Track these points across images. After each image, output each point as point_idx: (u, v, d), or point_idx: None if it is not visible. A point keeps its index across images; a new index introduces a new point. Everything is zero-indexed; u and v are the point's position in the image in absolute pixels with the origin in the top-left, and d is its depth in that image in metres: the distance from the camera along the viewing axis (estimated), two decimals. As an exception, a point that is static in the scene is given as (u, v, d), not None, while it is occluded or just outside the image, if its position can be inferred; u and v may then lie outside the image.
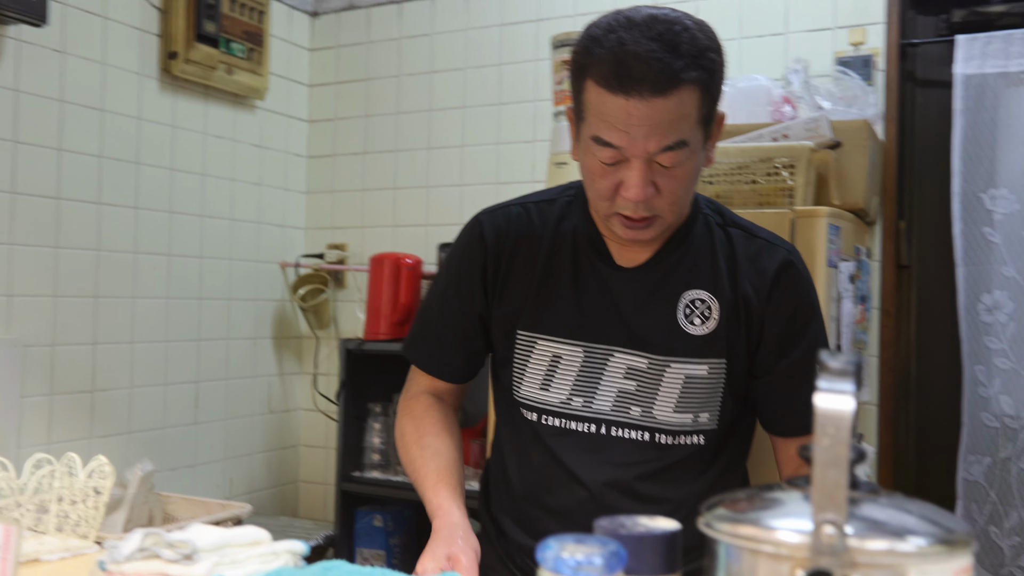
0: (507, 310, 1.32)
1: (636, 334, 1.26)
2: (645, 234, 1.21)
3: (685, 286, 1.27)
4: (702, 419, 1.27)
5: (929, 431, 2.37)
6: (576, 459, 1.29)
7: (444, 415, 1.39)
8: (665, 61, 1.08)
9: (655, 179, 1.15)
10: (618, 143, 1.13)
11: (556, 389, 1.29)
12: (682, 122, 1.12)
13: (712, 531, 0.66)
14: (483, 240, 1.33)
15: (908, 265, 2.36)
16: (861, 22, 2.33)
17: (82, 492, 1.27)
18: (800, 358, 1.28)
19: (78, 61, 2.26)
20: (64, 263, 2.24)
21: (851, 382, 0.61)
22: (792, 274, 1.29)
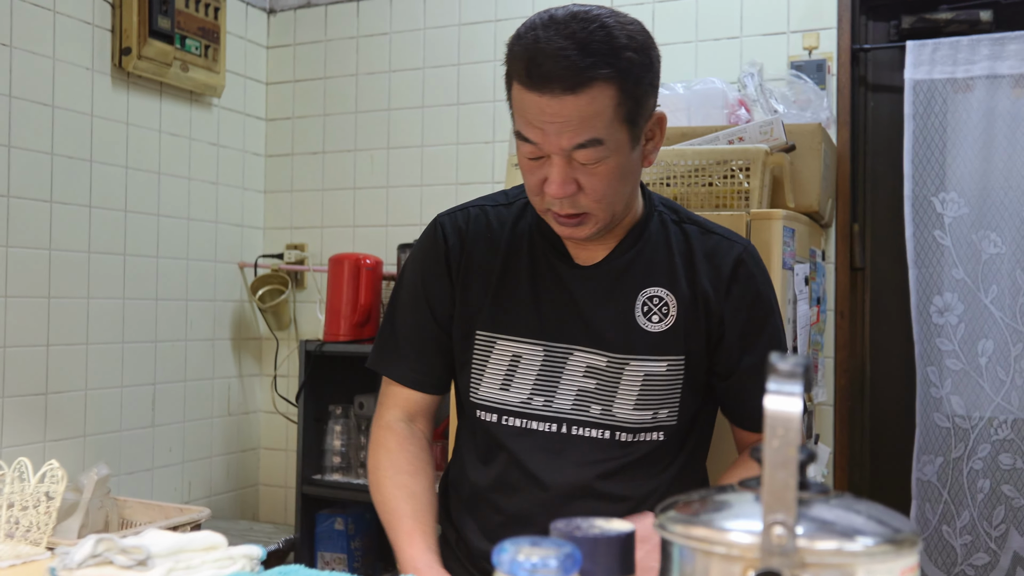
0: (467, 310, 1.32)
1: (594, 332, 1.27)
2: (579, 231, 1.22)
3: (642, 283, 1.28)
4: (662, 416, 1.28)
5: (883, 431, 2.42)
6: (537, 460, 1.29)
7: (420, 449, 1.35)
8: (573, 59, 1.10)
9: (577, 176, 1.17)
10: (535, 139, 1.15)
11: (517, 389, 1.29)
12: (595, 120, 1.12)
13: (666, 532, 0.67)
14: (445, 241, 1.34)
15: (862, 267, 2.40)
16: (814, 27, 2.37)
17: (33, 497, 1.24)
18: (763, 353, 1.29)
19: (27, 56, 2.22)
20: (15, 263, 2.19)
21: (799, 384, 0.63)
22: (749, 269, 1.31)
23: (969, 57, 2.19)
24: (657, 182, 1.91)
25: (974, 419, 2.23)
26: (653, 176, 1.91)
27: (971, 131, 2.21)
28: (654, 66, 1.19)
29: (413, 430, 1.36)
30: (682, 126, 2.07)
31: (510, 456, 1.30)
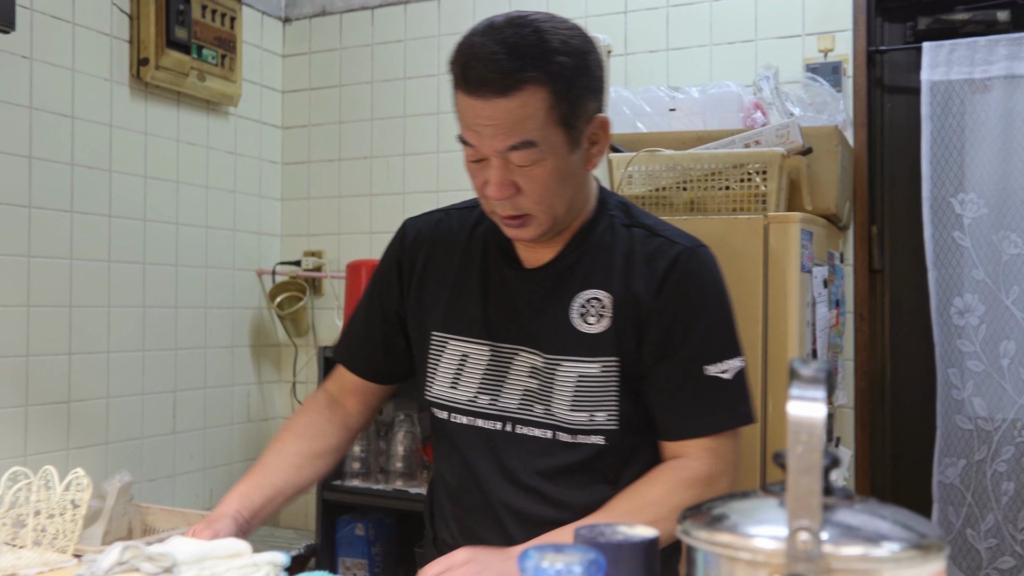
0: (423, 312, 1.37)
1: (533, 334, 1.30)
2: (523, 233, 1.24)
3: (580, 286, 1.29)
4: (600, 419, 1.27)
5: (905, 434, 2.40)
6: (481, 456, 1.32)
7: (327, 421, 1.41)
8: (501, 63, 1.12)
9: (515, 178, 1.19)
10: (472, 142, 1.18)
11: (464, 387, 1.33)
12: (527, 122, 1.15)
13: (690, 538, 0.67)
14: (403, 242, 1.41)
15: (880, 269, 2.39)
16: (829, 29, 2.37)
17: (59, 505, 1.26)
18: (684, 356, 1.25)
19: (47, 68, 2.24)
20: (37, 272, 2.21)
21: (822, 389, 0.63)
22: (685, 266, 1.27)
23: (987, 58, 2.18)
24: (674, 186, 1.91)
25: (997, 421, 2.21)
26: (670, 180, 1.91)
27: (989, 131, 2.20)
28: (591, 71, 1.20)
29: (335, 404, 1.44)
30: (698, 130, 2.07)
31: (458, 452, 1.35)
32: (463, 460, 1.34)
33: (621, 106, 2.22)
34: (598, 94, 1.22)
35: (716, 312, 1.28)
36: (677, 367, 1.25)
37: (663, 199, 1.92)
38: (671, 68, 2.53)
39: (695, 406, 1.25)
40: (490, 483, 1.31)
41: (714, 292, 1.29)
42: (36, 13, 2.21)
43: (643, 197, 1.94)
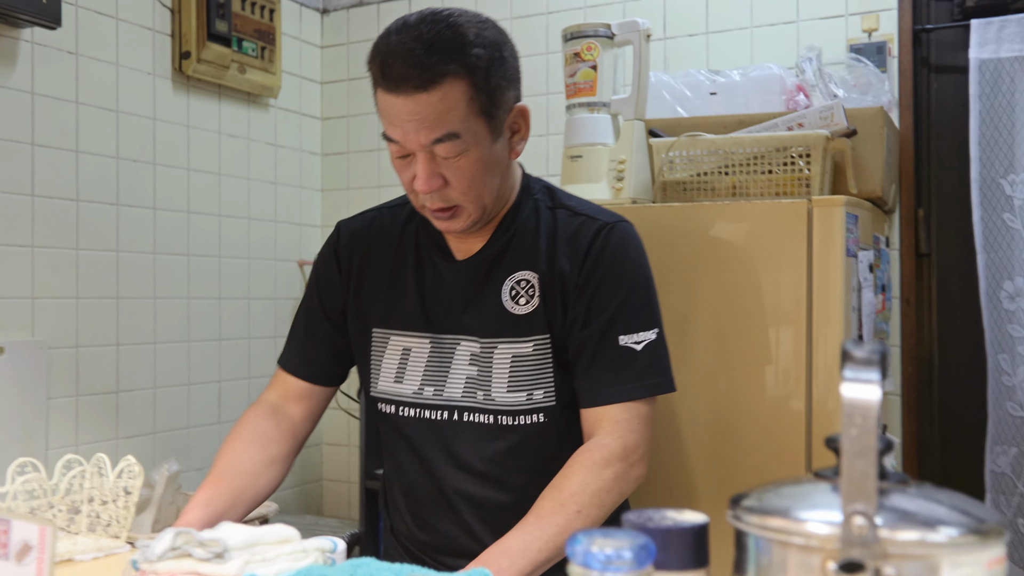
0: (362, 310, 1.40)
1: (470, 322, 1.33)
2: (454, 224, 1.28)
3: (509, 269, 1.33)
4: (537, 396, 1.31)
5: (953, 421, 2.36)
6: (430, 446, 1.35)
7: (274, 427, 1.39)
8: (419, 58, 1.16)
9: (441, 171, 1.22)
10: (397, 138, 1.21)
11: (409, 381, 1.36)
12: (449, 115, 1.18)
13: (740, 523, 0.66)
14: (338, 243, 1.43)
15: (927, 253, 2.35)
16: (873, 8, 2.32)
17: (112, 492, 1.28)
18: (600, 325, 1.29)
19: (92, 63, 2.28)
20: (85, 265, 2.25)
21: (876, 371, 0.61)
22: (605, 240, 1.31)
23: (1038, 34, 2.12)
24: (715, 171, 1.89)
25: (1049, 407, 2.16)
26: (711, 164, 1.89)
27: (1041, 110, 2.14)
28: (507, 61, 1.25)
29: (280, 410, 1.43)
30: (739, 113, 2.05)
31: (408, 445, 1.37)
32: (413, 452, 1.37)
33: (661, 90, 2.20)
34: (515, 84, 1.27)
35: (633, 284, 1.32)
36: (593, 335, 1.29)
37: (704, 184, 1.90)
38: (711, 51, 2.50)
39: (607, 373, 1.29)
40: (441, 472, 1.35)
41: (633, 265, 1.32)
42: (81, 9, 2.24)
43: (684, 182, 1.92)
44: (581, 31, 1.96)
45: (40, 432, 2.11)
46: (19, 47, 2.10)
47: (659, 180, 1.94)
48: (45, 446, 2.13)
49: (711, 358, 1.80)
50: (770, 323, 1.76)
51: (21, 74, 2.11)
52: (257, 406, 1.43)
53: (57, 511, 1.25)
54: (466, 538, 1.35)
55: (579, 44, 1.95)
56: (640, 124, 1.95)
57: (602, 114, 1.97)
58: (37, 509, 1.23)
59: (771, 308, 1.76)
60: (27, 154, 2.12)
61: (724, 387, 1.79)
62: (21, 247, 2.11)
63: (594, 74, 1.95)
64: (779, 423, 1.75)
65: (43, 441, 2.12)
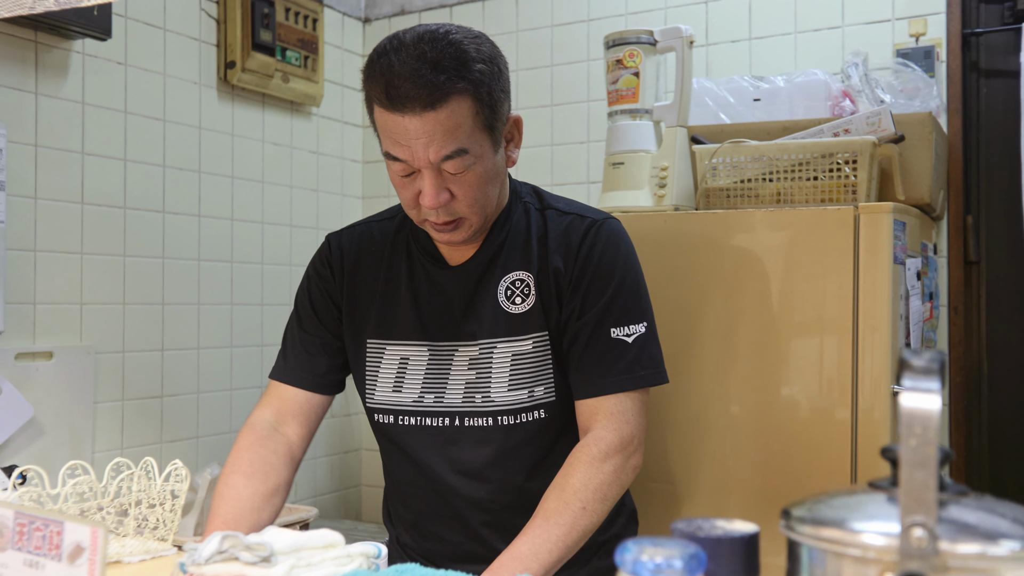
0: (356, 322, 1.40)
1: (467, 327, 1.34)
2: (456, 236, 1.30)
3: (503, 270, 1.35)
4: (537, 393, 1.33)
5: (1003, 432, 2.31)
6: (431, 453, 1.35)
7: (272, 452, 1.36)
8: (427, 78, 1.17)
9: (448, 186, 1.24)
10: (403, 157, 1.22)
11: (408, 390, 1.36)
12: (457, 131, 1.20)
13: (794, 534, 0.65)
14: (329, 257, 1.45)
15: (976, 261, 2.31)
16: (921, 12, 2.29)
17: (160, 496, 1.30)
18: (593, 318, 1.31)
19: (141, 73, 2.32)
20: (131, 271, 2.29)
21: (936, 380, 0.60)
22: (595, 236, 1.34)
23: (1092, 37, 2.08)
24: (760, 177, 1.87)
25: (1103, 419, 2.11)
26: (755, 171, 1.87)
27: (1094, 115, 2.09)
28: (503, 74, 1.27)
29: (275, 431, 1.40)
30: (783, 120, 2.03)
31: (408, 455, 1.38)
32: (413, 461, 1.37)
33: (703, 97, 2.19)
34: (509, 95, 1.30)
35: (623, 278, 1.34)
36: (585, 328, 1.32)
37: (748, 191, 1.88)
38: (754, 57, 2.48)
39: (599, 365, 1.31)
40: (444, 479, 1.35)
41: (622, 260, 1.35)
42: (131, 21, 2.28)
43: (727, 189, 1.91)
44: (623, 38, 1.95)
45: (87, 435, 2.14)
46: (71, 58, 2.15)
47: (702, 187, 1.92)
48: (92, 449, 2.16)
49: (755, 367, 1.78)
50: (815, 331, 1.74)
51: (72, 85, 2.15)
52: (252, 430, 1.38)
53: (106, 513, 1.27)
54: (472, 543, 1.36)
55: (621, 51, 1.94)
56: (683, 131, 1.94)
57: (644, 121, 1.96)
58: (87, 511, 1.25)
59: (816, 316, 1.74)
60: (78, 163, 2.17)
61: (768, 396, 1.77)
62: (71, 254, 2.15)
63: (636, 81, 1.94)
64: (824, 432, 1.72)
65: (90, 444, 2.16)
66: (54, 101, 2.11)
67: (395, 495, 1.45)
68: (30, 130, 2.06)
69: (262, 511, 1.31)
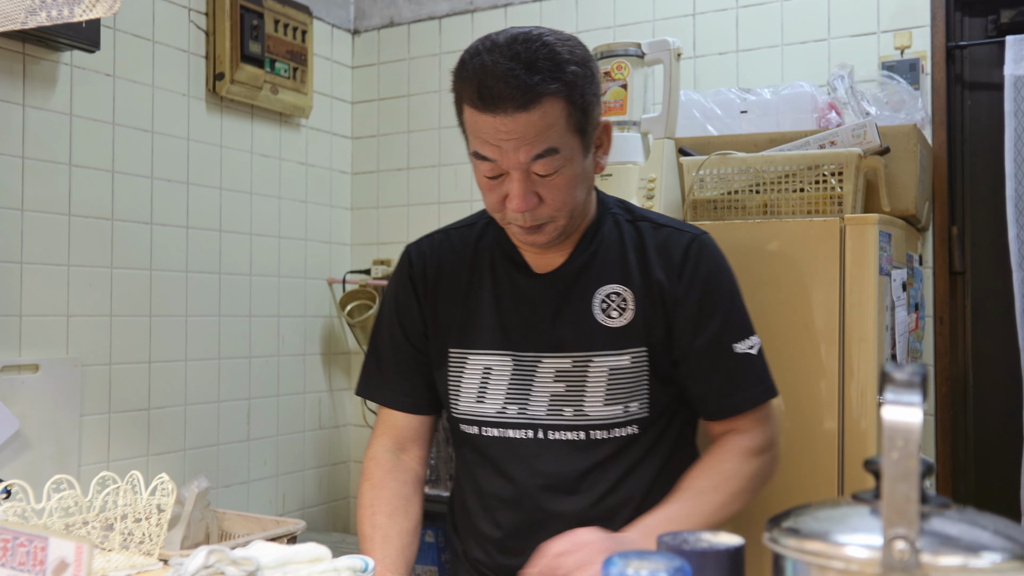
0: (439, 331, 1.39)
1: (556, 337, 1.32)
2: (540, 237, 1.28)
3: (598, 282, 1.33)
4: (632, 409, 1.32)
5: (988, 442, 2.32)
6: (516, 466, 1.33)
7: (403, 484, 1.39)
8: (522, 78, 1.16)
9: (536, 189, 1.23)
10: (493, 156, 1.21)
11: (491, 400, 1.34)
12: (549, 131, 1.19)
13: (778, 547, 0.66)
14: (411, 268, 1.43)
15: (962, 272, 2.32)
16: (906, 25, 2.30)
17: (146, 510, 1.29)
18: (712, 337, 1.32)
19: (129, 85, 2.32)
20: (119, 283, 2.28)
21: (918, 393, 0.61)
22: (699, 253, 1.34)
23: (1074, 50, 2.10)
24: (746, 189, 1.88)
25: (1088, 429, 2.12)
26: (742, 183, 1.88)
27: (1077, 127, 2.11)
28: (595, 77, 1.26)
29: (400, 461, 1.42)
30: (770, 132, 2.04)
31: (494, 466, 1.36)
32: (500, 473, 1.35)
33: (691, 109, 2.20)
34: (599, 99, 1.28)
35: (732, 293, 1.36)
36: (708, 349, 1.32)
37: (735, 202, 1.89)
38: (741, 70, 2.49)
39: (733, 383, 1.32)
40: (530, 492, 1.33)
41: (728, 274, 1.37)
42: (119, 32, 2.28)
43: (715, 201, 1.91)
44: (611, 50, 1.96)
45: (73, 448, 2.13)
46: (59, 70, 2.14)
47: (689, 198, 1.93)
48: (78, 462, 2.15)
49: (742, 378, 1.78)
50: (802, 342, 1.74)
51: (60, 96, 2.15)
52: (378, 463, 1.41)
53: (91, 528, 1.26)
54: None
55: (609, 63, 1.96)
56: (670, 143, 1.95)
57: (632, 132, 1.97)
58: (72, 526, 1.24)
59: (803, 327, 1.74)
60: (65, 174, 2.16)
61: (756, 407, 1.77)
62: (57, 266, 2.14)
63: (624, 93, 1.95)
64: (812, 443, 1.73)
65: (76, 457, 2.14)
66: (42, 113, 2.11)
67: (478, 509, 1.40)
68: (17, 142, 2.06)
69: (411, 546, 1.35)
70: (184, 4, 2.46)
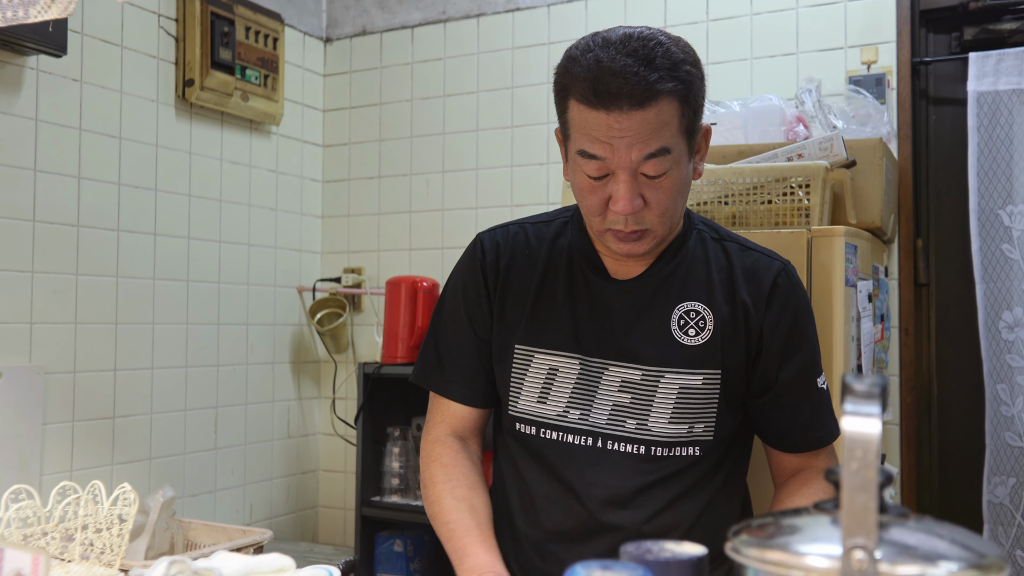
0: (505, 325, 1.35)
1: (629, 346, 1.29)
2: (638, 247, 1.24)
3: (678, 298, 1.30)
4: (697, 430, 1.29)
5: (952, 451, 2.35)
6: (574, 473, 1.30)
7: (473, 465, 1.37)
8: (640, 75, 1.13)
9: (642, 192, 1.20)
10: (602, 155, 1.17)
11: (553, 402, 1.31)
12: (663, 130, 1.16)
13: (740, 556, 0.66)
14: (484, 257, 1.38)
15: (926, 283, 2.35)
16: (872, 41, 2.34)
17: (107, 520, 1.27)
18: (799, 370, 1.32)
19: (97, 90, 2.29)
20: (84, 290, 2.25)
21: (877, 405, 0.61)
22: (789, 285, 1.33)
23: (1035, 68, 2.14)
24: (715, 200, 1.89)
25: (1048, 439, 2.15)
26: (711, 194, 1.89)
27: (1039, 143, 2.16)
28: (704, 79, 1.24)
29: (466, 446, 1.39)
30: (739, 144, 2.06)
31: (549, 469, 1.32)
32: (554, 476, 1.31)
33: (660, 121, 2.21)
34: (704, 103, 1.25)
35: (814, 328, 1.36)
36: (795, 382, 1.31)
37: (704, 214, 1.91)
38: (711, 82, 2.49)
39: (816, 418, 1.33)
40: (583, 500, 1.29)
41: (810, 308, 1.36)
42: (87, 37, 2.26)
43: (684, 212, 1.93)
44: (582, 61, 1.97)
45: (35, 457, 2.10)
46: (24, 74, 2.12)
47: (659, 209, 1.94)
48: (40, 471, 2.12)
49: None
50: (769, 353, 1.75)
51: (26, 101, 2.12)
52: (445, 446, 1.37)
53: (51, 539, 1.24)
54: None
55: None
56: (640, 154, 1.95)
57: (602, 143, 1.98)
58: (30, 537, 1.22)
59: (770, 338, 1.75)
60: (29, 180, 2.13)
61: (723, 417, 1.78)
62: (21, 272, 2.11)
63: (594, 104, 1.96)
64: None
65: (38, 466, 2.11)
66: (6, 117, 2.08)
67: (519, 508, 1.35)
68: (-19, 146, 2.03)
69: (491, 519, 1.32)
70: (154, 10, 2.44)
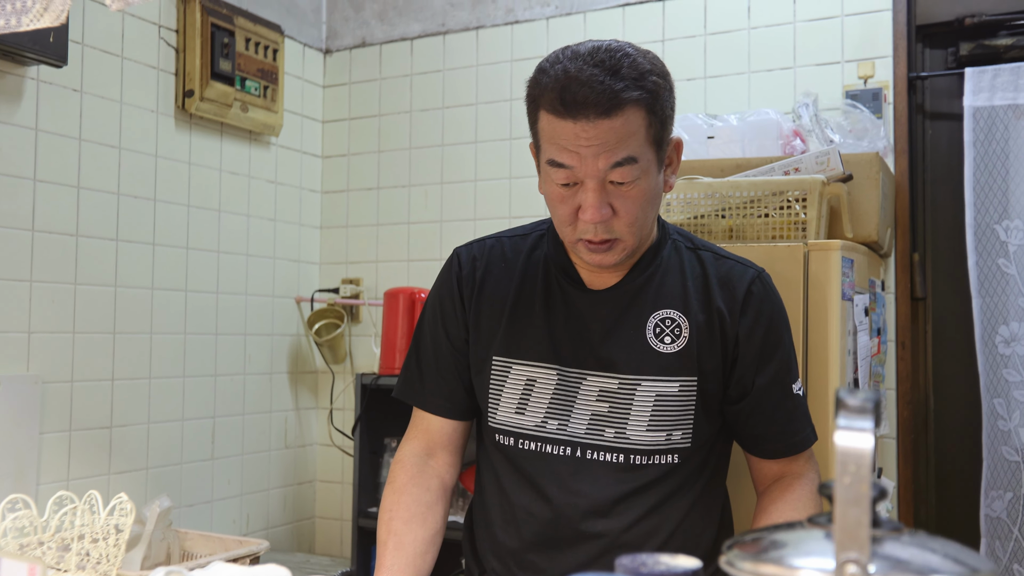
0: (482, 337, 1.37)
1: (606, 355, 1.30)
2: (608, 258, 1.26)
3: (654, 306, 1.32)
4: (675, 437, 1.30)
5: (949, 465, 2.35)
6: (552, 484, 1.31)
7: (426, 490, 1.37)
8: (607, 84, 1.16)
9: (611, 201, 1.21)
10: (570, 163, 1.19)
11: (531, 413, 1.32)
12: (630, 139, 1.18)
13: (734, 569, 0.66)
14: (460, 270, 1.40)
15: (923, 297, 2.36)
16: (869, 56, 2.35)
17: (103, 530, 1.27)
18: (775, 376, 1.33)
19: (97, 100, 2.30)
20: (82, 300, 2.26)
21: (870, 419, 0.62)
22: (763, 292, 1.35)
23: (1031, 83, 2.15)
24: (712, 213, 1.90)
25: (1045, 453, 2.16)
26: (708, 207, 1.90)
27: (1034, 158, 2.17)
28: (672, 91, 1.26)
29: (427, 466, 1.39)
30: (736, 157, 2.07)
31: (528, 479, 1.33)
32: (533, 487, 1.32)
33: (658, 134, 2.22)
34: (674, 115, 1.27)
35: (789, 334, 1.38)
36: (770, 388, 1.33)
37: (701, 227, 1.91)
38: (709, 96, 2.53)
39: (792, 423, 1.35)
40: (563, 510, 1.30)
41: (786, 316, 1.38)
42: (87, 48, 2.27)
43: (681, 225, 1.93)
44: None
45: (32, 467, 2.10)
46: (25, 84, 2.13)
47: (656, 222, 1.95)
48: (36, 481, 2.11)
49: (707, 400, 1.80)
50: (766, 366, 1.76)
51: (26, 111, 2.13)
52: (404, 467, 1.38)
53: (47, 549, 1.24)
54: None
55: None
56: (638, 167, 1.96)
57: (600, 156, 1.98)
58: (27, 547, 1.22)
59: (767, 351, 1.76)
60: (29, 190, 2.14)
61: (720, 430, 1.78)
62: (19, 281, 2.11)
63: (592, 117, 1.96)
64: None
65: (35, 476, 2.11)
66: (6, 127, 2.09)
67: (500, 519, 1.36)
68: (-19, 156, 2.04)
69: (425, 555, 1.32)
70: (154, 20, 2.46)
